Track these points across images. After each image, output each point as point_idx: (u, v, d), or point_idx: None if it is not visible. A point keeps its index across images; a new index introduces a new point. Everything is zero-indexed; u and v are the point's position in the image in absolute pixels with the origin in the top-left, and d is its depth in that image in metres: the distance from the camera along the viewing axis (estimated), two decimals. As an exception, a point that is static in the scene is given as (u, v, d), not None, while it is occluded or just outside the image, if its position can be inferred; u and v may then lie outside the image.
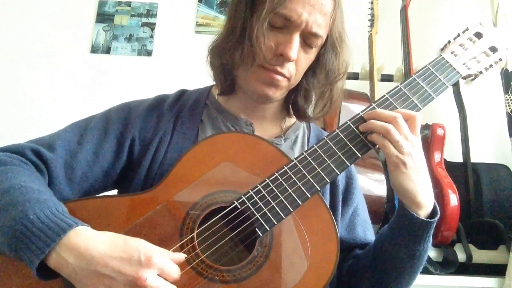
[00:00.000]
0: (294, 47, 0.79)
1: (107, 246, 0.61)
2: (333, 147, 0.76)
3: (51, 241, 0.60)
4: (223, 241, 0.72)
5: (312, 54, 0.84)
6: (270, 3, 0.77)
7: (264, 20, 0.77)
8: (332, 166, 0.75)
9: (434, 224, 0.76)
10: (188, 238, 0.70)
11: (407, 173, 0.73)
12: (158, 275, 0.61)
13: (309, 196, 0.73)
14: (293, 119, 0.96)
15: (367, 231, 0.93)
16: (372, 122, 0.76)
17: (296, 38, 0.79)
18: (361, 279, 0.84)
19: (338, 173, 0.75)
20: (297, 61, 0.82)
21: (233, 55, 0.83)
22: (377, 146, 0.76)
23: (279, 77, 0.82)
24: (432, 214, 0.77)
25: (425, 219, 0.75)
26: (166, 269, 0.62)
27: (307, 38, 0.81)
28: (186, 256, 0.67)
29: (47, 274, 0.62)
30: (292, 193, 0.73)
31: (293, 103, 0.92)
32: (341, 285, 0.88)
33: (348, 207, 0.91)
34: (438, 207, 0.78)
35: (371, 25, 1.93)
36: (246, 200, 0.72)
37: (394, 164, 0.74)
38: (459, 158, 1.78)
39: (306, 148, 0.92)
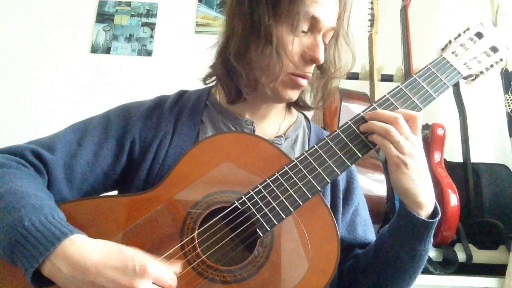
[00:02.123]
0: (322, 50, 0.80)
1: (102, 255, 0.61)
2: (334, 147, 0.76)
3: (45, 250, 0.60)
4: (224, 242, 0.72)
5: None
6: (302, 8, 0.76)
7: (297, 28, 0.77)
8: (333, 166, 0.75)
9: (435, 224, 0.76)
10: (188, 238, 0.70)
11: (408, 173, 0.73)
12: (154, 283, 0.61)
13: (310, 196, 0.73)
14: (293, 118, 0.96)
15: (367, 231, 0.93)
16: (373, 122, 0.76)
17: (321, 40, 0.80)
18: (362, 279, 0.84)
19: (339, 173, 0.75)
20: None
21: (258, 63, 0.80)
22: (378, 146, 0.76)
23: (305, 81, 0.83)
24: (433, 214, 0.77)
25: (426, 219, 0.75)
26: (162, 278, 0.62)
27: (324, 36, 0.82)
28: (180, 271, 0.67)
29: (43, 281, 0.61)
30: (293, 194, 0.73)
31: None
32: (341, 285, 0.88)
33: (349, 207, 0.91)
34: (439, 207, 0.78)
35: (371, 25, 1.93)
36: (246, 200, 0.72)
37: (395, 165, 0.74)
38: (459, 158, 1.78)
39: (306, 147, 0.92)
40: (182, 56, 2.19)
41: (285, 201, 0.72)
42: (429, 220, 0.75)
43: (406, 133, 0.74)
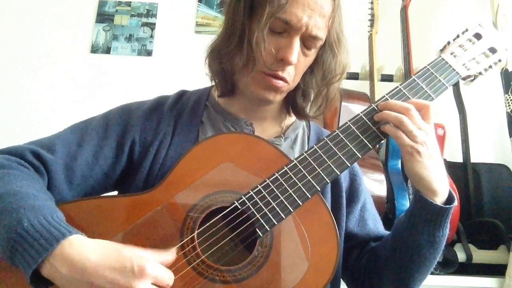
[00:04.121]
0: (295, 52, 0.79)
1: (100, 256, 0.61)
2: (333, 147, 0.76)
3: (44, 251, 0.60)
4: (224, 242, 0.72)
5: (311, 56, 0.84)
6: (270, 7, 0.76)
7: (264, 26, 0.77)
8: (332, 166, 0.75)
9: (452, 210, 0.77)
10: (188, 238, 0.70)
11: (421, 161, 0.74)
12: (153, 283, 0.61)
13: (309, 196, 0.73)
14: (292, 118, 0.96)
15: (377, 224, 0.94)
16: (386, 112, 0.77)
17: (297, 42, 0.79)
18: (383, 271, 0.85)
19: (338, 173, 0.75)
20: (296, 64, 0.81)
21: (233, 60, 0.82)
22: (378, 145, 0.76)
23: (280, 82, 0.82)
24: (448, 200, 0.77)
25: (443, 206, 0.75)
26: (160, 278, 0.62)
27: (306, 41, 0.81)
28: (174, 255, 0.67)
29: (42, 282, 0.62)
30: (293, 194, 0.73)
31: (292, 102, 0.92)
32: (359, 280, 0.89)
33: (356, 204, 0.92)
34: (454, 194, 0.78)
35: (371, 25, 1.94)
36: (246, 201, 0.72)
37: (409, 153, 0.75)
38: (459, 158, 1.79)
39: (306, 147, 0.92)
40: (182, 56, 2.20)
41: (284, 201, 0.72)
42: (446, 206, 0.76)
43: (418, 123, 0.75)
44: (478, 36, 0.87)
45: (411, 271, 0.81)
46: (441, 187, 0.76)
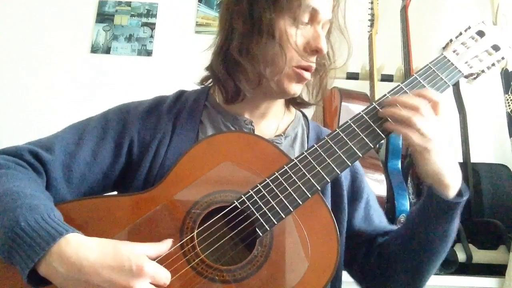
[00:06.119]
0: (324, 39, 0.80)
1: (98, 255, 0.61)
2: (334, 146, 0.76)
3: (41, 250, 0.60)
4: (223, 241, 0.72)
5: None
6: (303, 1, 0.77)
7: (295, 18, 0.78)
8: (333, 165, 0.75)
9: (464, 203, 0.76)
10: (188, 237, 0.70)
11: (431, 158, 0.73)
12: (151, 283, 0.61)
13: (309, 195, 0.73)
14: (292, 116, 0.96)
15: (382, 219, 0.94)
16: (393, 109, 0.75)
17: (321, 30, 0.81)
18: (395, 265, 0.84)
19: (339, 172, 0.74)
20: None
21: (263, 57, 0.80)
22: (378, 145, 0.76)
23: (309, 74, 0.83)
24: (460, 191, 0.76)
25: (455, 201, 0.75)
26: (158, 277, 0.62)
27: (322, 28, 0.82)
28: (169, 246, 0.68)
29: (40, 281, 0.61)
30: (292, 193, 0.72)
31: None
32: (369, 277, 0.89)
33: (360, 201, 0.91)
34: (466, 186, 0.77)
35: (371, 25, 1.93)
36: (246, 200, 0.72)
37: (418, 151, 0.74)
38: (459, 158, 1.78)
39: (306, 145, 0.92)
40: (182, 56, 2.19)
41: (284, 200, 0.72)
42: (458, 200, 0.75)
43: (427, 118, 0.73)
44: (481, 33, 0.87)
45: (422, 264, 0.81)
46: (453, 180, 0.75)
